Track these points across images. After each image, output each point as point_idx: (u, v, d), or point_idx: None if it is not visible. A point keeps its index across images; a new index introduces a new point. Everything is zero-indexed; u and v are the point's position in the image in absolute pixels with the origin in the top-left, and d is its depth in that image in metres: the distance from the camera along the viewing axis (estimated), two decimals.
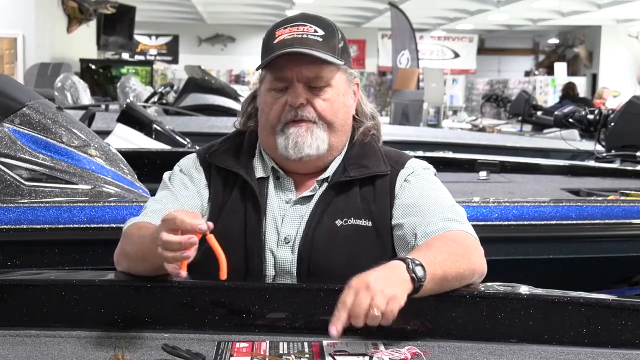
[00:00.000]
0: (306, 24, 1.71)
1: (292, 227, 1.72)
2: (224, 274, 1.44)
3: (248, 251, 1.70)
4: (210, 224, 1.43)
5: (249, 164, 1.77)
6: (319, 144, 1.70)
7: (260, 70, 1.76)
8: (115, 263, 1.69)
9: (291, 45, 1.66)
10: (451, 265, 1.52)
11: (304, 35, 1.68)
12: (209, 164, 1.78)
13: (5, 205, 2.37)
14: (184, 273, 1.43)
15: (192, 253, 1.43)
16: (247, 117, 1.84)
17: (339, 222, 1.70)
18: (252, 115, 1.83)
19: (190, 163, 1.80)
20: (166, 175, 1.83)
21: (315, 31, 1.69)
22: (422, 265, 1.47)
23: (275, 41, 1.69)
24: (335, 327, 1.37)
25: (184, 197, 1.74)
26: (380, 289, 1.39)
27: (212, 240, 1.44)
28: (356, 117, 1.80)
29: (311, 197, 1.74)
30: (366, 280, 1.40)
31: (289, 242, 1.71)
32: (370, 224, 1.71)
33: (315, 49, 1.66)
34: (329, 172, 1.75)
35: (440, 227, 1.64)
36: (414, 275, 1.45)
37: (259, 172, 1.76)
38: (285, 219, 1.72)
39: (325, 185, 1.74)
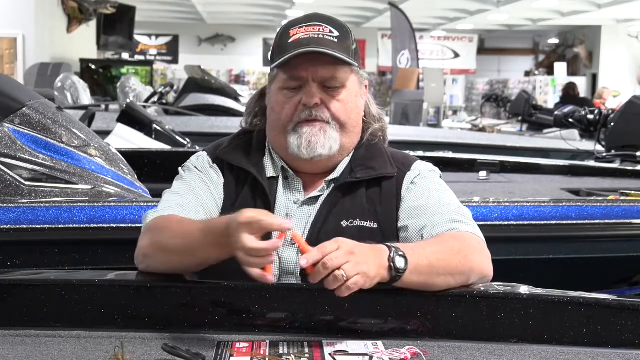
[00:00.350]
0: (322, 24, 1.70)
1: (298, 228, 1.71)
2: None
3: None
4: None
5: (260, 162, 1.76)
6: (331, 144, 1.70)
7: (270, 69, 1.75)
8: (143, 257, 1.62)
9: (307, 44, 1.65)
10: (441, 257, 1.52)
11: (320, 36, 1.68)
12: (221, 161, 1.78)
13: (5, 205, 2.37)
14: (271, 277, 1.42)
15: (275, 256, 1.48)
16: (253, 115, 1.83)
17: (344, 223, 1.70)
18: (258, 114, 1.82)
19: (204, 161, 1.79)
20: (182, 171, 1.80)
21: (331, 32, 1.69)
22: (404, 257, 1.48)
23: (290, 40, 1.68)
24: (307, 260, 1.40)
25: (204, 193, 1.73)
26: (358, 261, 1.41)
27: (297, 236, 1.48)
28: (364, 118, 1.81)
29: (318, 197, 1.74)
30: (353, 246, 1.44)
31: (294, 243, 1.70)
32: (375, 225, 1.71)
33: (332, 50, 1.66)
34: (337, 173, 1.75)
35: (446, 229, 1.64)
36: (392, 264, 1.46)
37: (270, 172, 1.76)
38: (292, 220, 1.71)
39: (332, 186, 1.74)
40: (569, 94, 11.04)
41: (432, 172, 1.81)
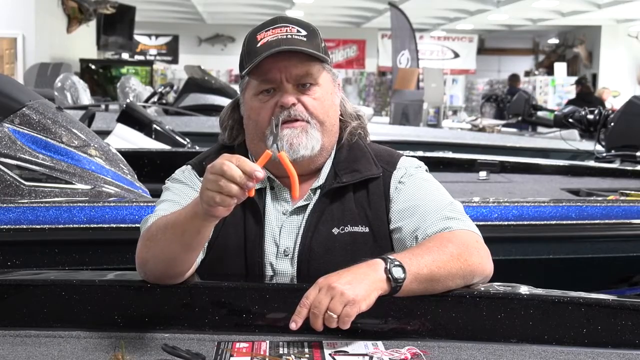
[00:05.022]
0: (288, 24, 1.69)
1: (289, 238, 1.70)
2: (296, 193, 1.47)
3: (248, 265, 1.68)
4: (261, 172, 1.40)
5: None
6: (313, 145, 1.68)
7: (241, 77, 1.72)
8: (140, 266, 1.59)
9: (277, 45, 1.63)
10: (441, 265, 1.51)
11: (289, 36, 1.66)
12: None
13: (5, 205, 2.37)
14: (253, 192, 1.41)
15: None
16: (230, 129, 1.79)
17: (335, 231, 1.68)
18: (234, 127, 1.79)
19: (191, 174, 1.75)
20: (169, 182, 1.77)
21: (299, 31, 1.67)
22: (401, 266, 1.47)
23: (259, 44, 1.65)
24: (295, 322, 1.42)
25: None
26: (341, 291, 1.41)
27: (284, 157, 1.47)
28: (341, 117, 1.78)
29: (306, 206, 1.71)
30: (331, 279, 1.44)
31: (287, 254, 1.69)
32: (367, 229, 1.69)
33: (302, 48, 1.65)
34: (321, 179, 1.73)
35: (440, 228, 1.63)
36: (390, 276, 1.46)
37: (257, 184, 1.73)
38: (282, 231, 1.70)
39: (319, 192, 1.72)
40: (582, 91, 10.97)
41: (419, 167, 1.78)
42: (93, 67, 13.50)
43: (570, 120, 5.50)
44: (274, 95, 1.67)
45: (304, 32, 1.68)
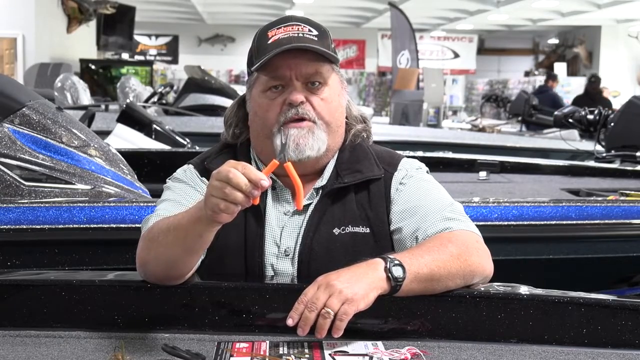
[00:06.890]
0: (300, 23, 1.69)
1: (291, 238, 1.70)
2: (300, 204, 1.48)
3: (249, 265, 1.68)
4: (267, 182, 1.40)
5: None
6: (319, 145, 1.67)
7: (249, 74, 1.72)
8: (140, 266, 1.58)
9: (289, 43, 1.63)
10: (440, 265, 1.51)
11: (300, 34, 1.66)
12: (210, 173, 1.75)
13: (5, 205, 2.37)
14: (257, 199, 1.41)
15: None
16: (234, 127, 1.78)
17: (336, 231, 1.68)
18: (238, 124, 1.78)
19: (192, 174, 1.75)
20: (170, 182, 1.76)
21: (310, 30, 1.68)
22: (401, 265, 1.47)
23: (270, 41, 1.65)
24: (292, 318, 1.42)
25: (194, 201, 1.65)
26: (340, 289, 1.41)
27: (290, 167, 1.47)
28: (346, 120, 1.78)
29: (308, 206, 1.71)
30: (330, 277, 1.44)
31: (288, 254, 1.69)
32: (367, 230, 1.69)
33: (314, 46, 1.64)
34: (324, 180, 1.73)
35: (440, 228, 1.63)
36: (390, 275, 1.46)
37: None
38: (284, 231, 1.70)
39: (320, 193, 1.72)
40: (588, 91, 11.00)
41: (419, 169, 1.79)
42: (93, 67, 13.50)
43: (570, 120, 5.50)
44: (282, 93, 1.66)
45: (315, 32, 1.68)
